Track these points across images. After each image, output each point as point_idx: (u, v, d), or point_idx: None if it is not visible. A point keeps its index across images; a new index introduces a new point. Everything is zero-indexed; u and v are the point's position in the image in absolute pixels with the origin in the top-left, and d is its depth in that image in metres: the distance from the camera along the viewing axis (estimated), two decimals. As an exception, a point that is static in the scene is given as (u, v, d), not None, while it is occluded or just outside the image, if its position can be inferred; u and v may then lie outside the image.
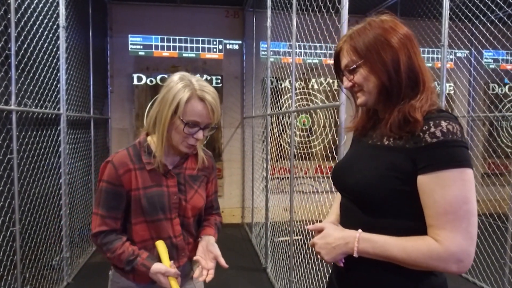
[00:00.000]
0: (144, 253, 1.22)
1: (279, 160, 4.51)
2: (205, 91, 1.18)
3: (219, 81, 5.09)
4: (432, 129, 0.85)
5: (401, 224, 0.91)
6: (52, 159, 3.17)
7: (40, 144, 2.96)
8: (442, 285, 0.94)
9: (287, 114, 3.98)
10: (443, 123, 0.85)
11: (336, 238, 0.95)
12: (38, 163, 2.93)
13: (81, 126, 3.94)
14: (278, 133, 3.77)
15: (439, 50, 3.65)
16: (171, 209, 1.25)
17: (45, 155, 3.04)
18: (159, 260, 1.21)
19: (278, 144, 4.02)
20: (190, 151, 1.24)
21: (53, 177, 3.18)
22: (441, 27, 3.64)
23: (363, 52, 0.93)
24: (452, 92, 5.56)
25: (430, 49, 5.48)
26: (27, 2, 2.57)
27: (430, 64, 5.58)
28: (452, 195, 0.82)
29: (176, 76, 1.20)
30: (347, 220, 1.04)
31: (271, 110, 3.50)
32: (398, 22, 0.96)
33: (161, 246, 1.23)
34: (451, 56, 5.53)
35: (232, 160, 5.25)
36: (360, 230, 0.93)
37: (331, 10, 2.02)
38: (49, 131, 3.09)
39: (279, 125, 3.66)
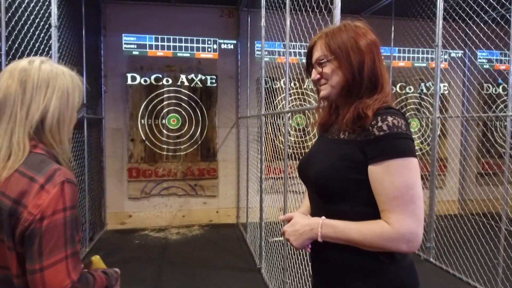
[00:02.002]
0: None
1: (274, 160, 4.50)
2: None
3: (213, 81, 5.08)
4: (379, 124, 0.94)
5: (359, 210, 0.99)
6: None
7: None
8: (408, 267, 1.03)
9: (281, 115, 3.97)
10: (389, 118, 0.95)
11: (303, 225, 1.05)
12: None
13: (74, 126, 3.90)
14: (273, 133, 3.76)
15: (433, 50, 3.67)
16: None
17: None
18: None
19: (273, 144, 4.01)
20: None
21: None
22: (435, 27, 3.65)
23: (334, 50, 1.03)
24: (446, 92, 5.58)
25: (424, 49, 5.50)
26: (18, 1, 2.54)
27: (424, 64, 5.60)
28: (399, 182, 0.91)
29: (46, 65, 0.96)
30: (313, 209, 1.15)
31: (265, 110, 3.49)
32: (369, 30, 1.07)
33: (99, 260, 1.17)
34: (445, 56, 5.55)
35: (227, 160, 5.24)
36: (323, 217, 1.03)
37: (323, 10, 2.01)
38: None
39: (274, 125, 3.65)
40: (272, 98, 3.50)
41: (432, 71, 3.54)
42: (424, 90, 5.56)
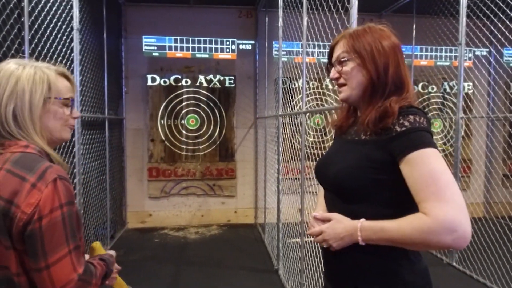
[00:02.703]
0: (97, 256, 1.13)
1: (291, 161, 4.47)
2: (60, 68, 1.05)
3: (232, 81, 5.09)
4: (401, 121, 0.95)
5: (378, 211, 0.97)
6: (66, 160, 3.22)
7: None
8: (422, 271, 1.00)
9: (298, 115, 3.94)
10: (411, 116, 0.95)
11: (344, 229, 1.00)
12: (52, 163, 2.98)
13: (96, 127, 4.00)
14: (292, 134, 3.74)
15: (457, 48, 3.56)
16: None
17: (60, 156, 3.09)
18: None
19: (291, 145, 3.99)
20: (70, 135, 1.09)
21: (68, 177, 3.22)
22: (458, 25, 3.55)
23: (359, 50, 1.03)
24: (470, 92, 5.42)
25: (448, 48, 5.35)
26: (40, 5, 2.61)
27: (447, 63, 5.44)
28: (428, 169, 0.88)
29: (11, 65, 0.98)
30: (331, 210, 1.11)
31: (282, 110, 3.47)
32: (392, 34, 1.08)
33: (99, 247, 1.25)
34: (470, 55, 5.38)
35: (245, 160, 5.24)
36: (362, 220, 0.98)
37: (340, 9, 1.98)
38: (63, 132, 3.15)
39: (292, 125, 3.63)
40: (291, 98, 3.48)
41: (455, 70, 3.44)
42: (448, 90, 5.41)
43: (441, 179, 0.87)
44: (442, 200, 0.85)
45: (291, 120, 3.77)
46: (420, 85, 5.38)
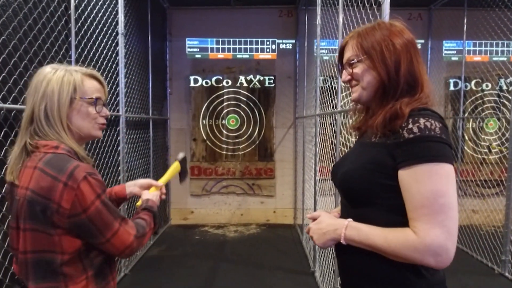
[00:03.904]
0: (137, 210, 1.27)
1: (329, 162, 4.38)
2: (88, 70, 1.14)
3: (271, 81, 5.10)
4: (410, 126, 0.88)
5: (385, 217, 0.94)
6: (112, 158, 3.40)
7: (100, 144, 3.19)
8: (438, 285, 0.95)
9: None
10: (421, 120, 0.88)
11: (328, 224, 1.02)
12: (99, 161, 3.16)
13: (140, 127, 4.19)
14: (332, 134, 3.66)
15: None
16: None
17: (105, 154, 3.26)
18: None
19: (331, 145, 3.91)
20: (102, 133, 1.18)
21: (112, 174, 3.40)
22: (513, 16, 3.28)
23: (367, 49, 0.98)
24: (530, 88, 4.98)
25: (504, 42, 4.96)
26: (86, 12, 2.78)
27: (504, 58, 5.05)
28: (427, 189, 0.85)
29: (47, 69, 1.08)
30: (342, 213, 1.11)
31: (320, 110, 3.42)
32: (406, 28, 1.01)
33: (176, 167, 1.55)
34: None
35: (284, 160, 5.22)
36: (350, 219, 0.99)
37: (373, 5, 1.91)
38: (109, 131, 3.32)
39: (329, 125, 3.56)
40: (332, 97, 3.41)
41: (510, 65, 3.18)
42: (504, 87, 5.02)
43: (437, 202, 0.84)
44: (433, 223, 0.84)
45: (328, 120, 3.70)
46: (473, 82, 5.04)
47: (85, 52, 2.75)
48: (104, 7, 3.11)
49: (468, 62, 4.94)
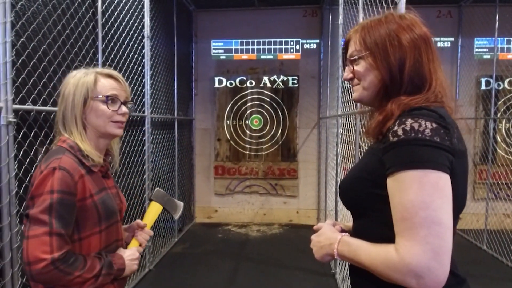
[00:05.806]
0: (103, 254, 1.12)
1: (350, 163, 4.33)
2: (106, 70, 1.17)
3: (295, 81, 5.09)
4: (396, 127, 0.79)
5: (377, 230, 0.86)
6: (137, 157, 3.52)
7: (127, 143, 3.31)
8: None
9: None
10: (409, 121, 0.78)
11: (326, 238, 0.96)
12: (125, 160, 3.28)
13: (166, 127, 4.30)
14: (349, 135, 3.62)
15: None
16: (117, 212, 1.19)
17: (131, 153, 3.38)
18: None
19: (353, 146, 3.86)
20: (121, 130, 1.18)
21: (138, 173, 3.52)
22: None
23: (370, 44, 0.89)
24: None
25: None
26: (113, 17, 2.90)
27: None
28: (407, 200, 0.75)
29: (71, 74, 1.16)
30: (352, 224, 1.03)
31: (342, 110, 3.39)
32: (418, 22, 0.90)
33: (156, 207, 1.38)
34: None
35: (307, 161, 5.21)
36: (344, 233, 0.93)
37: (390, 5, 1.88)
38: (135, 132, 3.44)
39: (349, 126, 3.53)
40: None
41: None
42: (541, 86, 4.78)
43: (417, 215, 0.73)
44: (414, 240, 0.73)
45: (351, 121, 3.66)
46: (506, 81, 4.83)
47: (112, 56, 2.87)
48: (130, 11, 3.23)
49: (501, 60, 4.73)
